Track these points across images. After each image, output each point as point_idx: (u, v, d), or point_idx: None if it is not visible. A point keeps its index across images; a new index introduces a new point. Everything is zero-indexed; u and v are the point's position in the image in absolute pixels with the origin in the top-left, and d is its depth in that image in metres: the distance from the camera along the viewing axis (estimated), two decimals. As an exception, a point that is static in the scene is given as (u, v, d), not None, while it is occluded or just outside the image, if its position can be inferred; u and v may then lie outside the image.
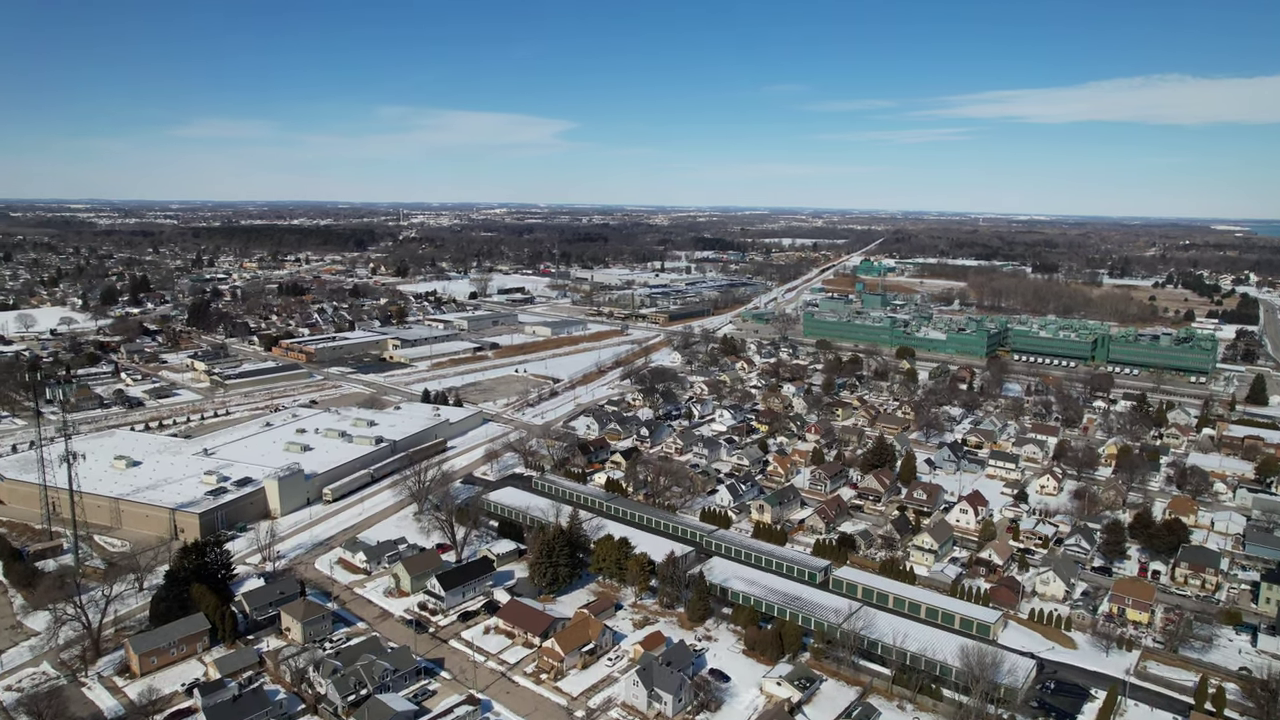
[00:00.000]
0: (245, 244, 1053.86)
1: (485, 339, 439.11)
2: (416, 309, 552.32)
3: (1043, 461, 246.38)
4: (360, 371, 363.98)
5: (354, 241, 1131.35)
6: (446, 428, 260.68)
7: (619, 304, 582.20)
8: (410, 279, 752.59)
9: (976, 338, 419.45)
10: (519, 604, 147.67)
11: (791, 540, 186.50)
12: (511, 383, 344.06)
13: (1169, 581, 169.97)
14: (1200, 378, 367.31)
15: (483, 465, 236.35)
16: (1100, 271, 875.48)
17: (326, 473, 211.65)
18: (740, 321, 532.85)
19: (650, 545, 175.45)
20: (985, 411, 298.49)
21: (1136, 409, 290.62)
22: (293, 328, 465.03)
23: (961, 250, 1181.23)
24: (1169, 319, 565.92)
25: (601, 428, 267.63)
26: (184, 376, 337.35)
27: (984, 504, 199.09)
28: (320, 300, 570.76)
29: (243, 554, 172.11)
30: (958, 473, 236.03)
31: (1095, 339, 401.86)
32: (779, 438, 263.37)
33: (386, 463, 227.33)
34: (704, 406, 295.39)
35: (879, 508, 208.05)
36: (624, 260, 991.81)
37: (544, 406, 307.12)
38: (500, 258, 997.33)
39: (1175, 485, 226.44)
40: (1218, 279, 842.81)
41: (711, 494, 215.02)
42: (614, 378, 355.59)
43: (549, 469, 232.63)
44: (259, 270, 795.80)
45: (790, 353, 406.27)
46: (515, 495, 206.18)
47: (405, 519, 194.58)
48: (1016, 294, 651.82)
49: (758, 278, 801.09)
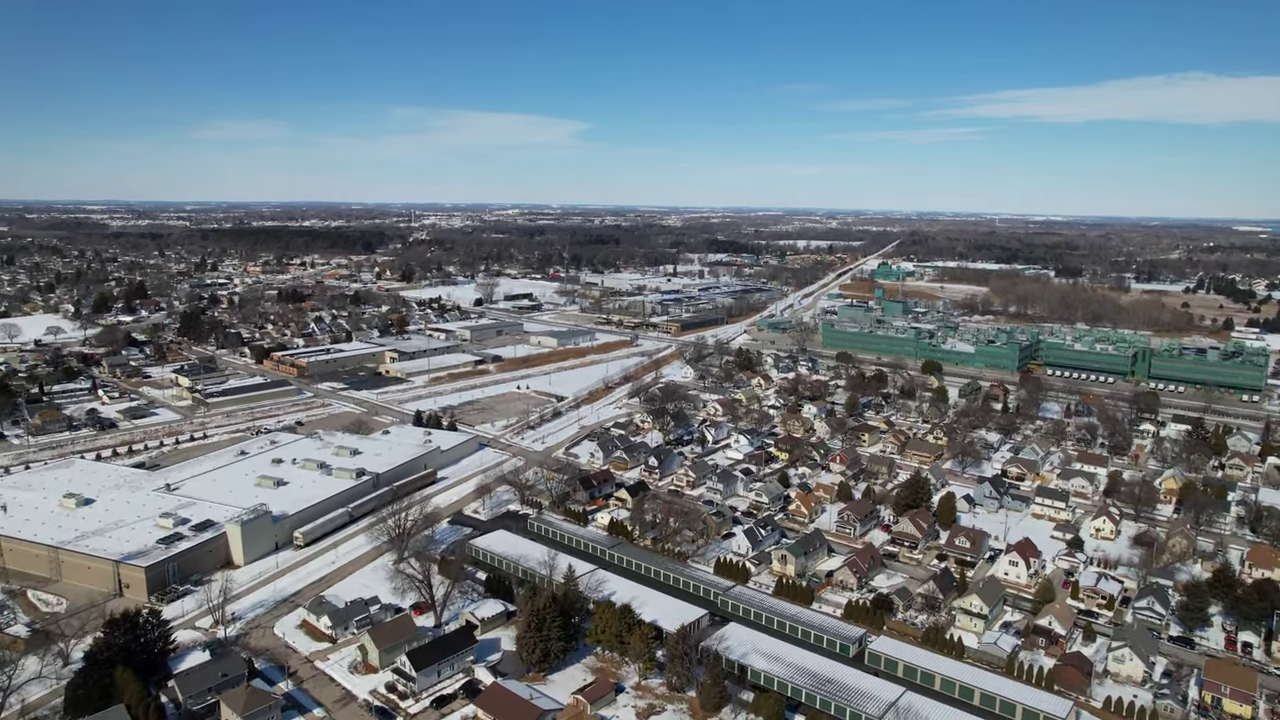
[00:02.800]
0: (253, 246, 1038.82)
1: (488, 350, 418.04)
2: (419, 317, 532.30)
3: (1093, 497, 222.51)
4: (353, 388, 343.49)
5: (362, 244, 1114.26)
6: (437, 456, 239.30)
7: (629, 311, 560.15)
8: (415, 284, 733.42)
9: (1008, 351, 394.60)
10: (502, 690, 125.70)
11: (819, 599, 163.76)
12: (512, 401, 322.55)
13: (1263, 657, 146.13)
14: (1253, 396, 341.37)
15: (474, 501, 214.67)
16: (1126, 275, 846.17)
17: (299, 513, 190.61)
18: (756, 331, 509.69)
19: (657, 605, 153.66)
20: (1024, 436, 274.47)
21: (1192, 434, 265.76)
22: (288, 338, 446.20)
23: (980, 253, 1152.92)
24: (1206, 328, 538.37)
25: (606, 456, 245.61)
26: (165, 394, 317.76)
27: (1036, 554, 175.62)
28: (320, 307, 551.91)
29: (192, 616, 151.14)
30: (1000, 510, 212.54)
31: (1135, 353, 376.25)
32: (800, 468, 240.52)
33: (367, 499, 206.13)
34: (718, 430, 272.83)
35: (916, 556, 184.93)
36: (635, 263, 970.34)
37: (545, 429, 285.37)
38: (510, 261, 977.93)
39: (1249, 528, 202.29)
40: (1251, 284, 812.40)
41: (727, 538, 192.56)
42: (622, 395, 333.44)
43: (547, 506, 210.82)
44: (262, 275, 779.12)
45: (809, 367, 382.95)
46: (507, 540, 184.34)
47: (382, 569, 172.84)
48: (1042, 300, 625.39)
49: (773, 282, 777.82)
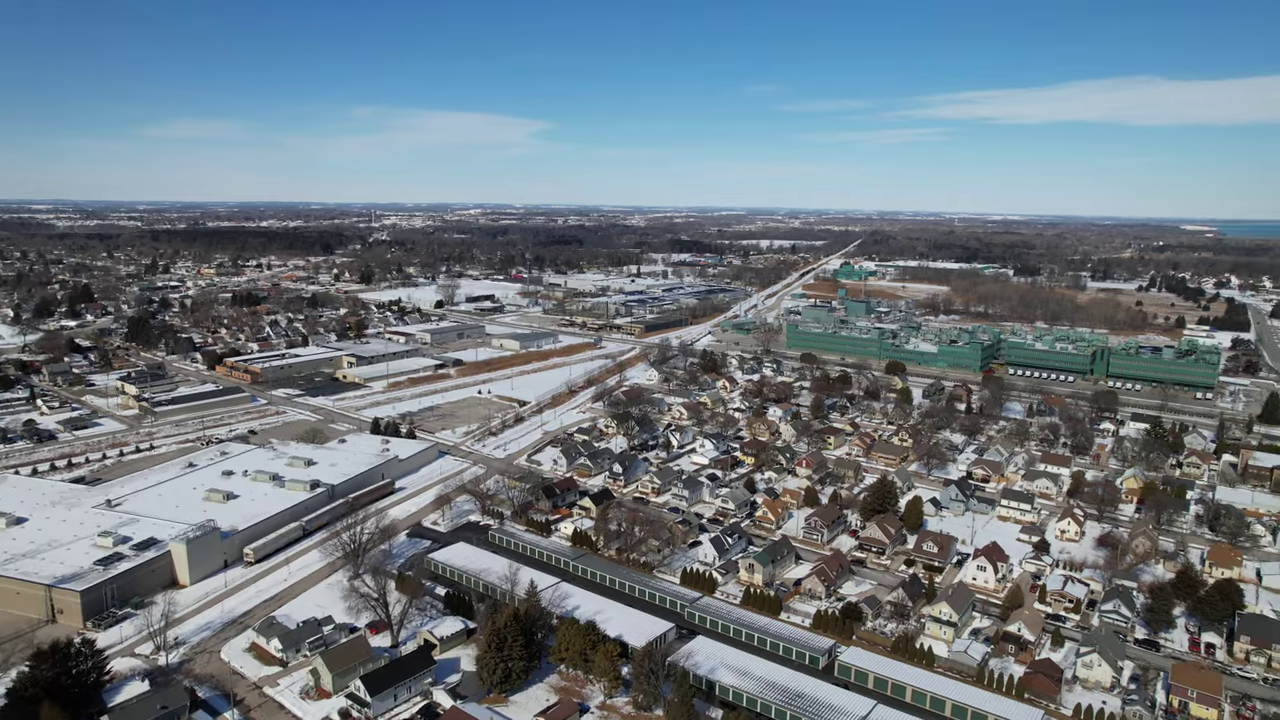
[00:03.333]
0: (207, 248, 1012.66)
1: (448, 354, 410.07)
2: (378, 320, 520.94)
3: (1057, 498, 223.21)
4: (309, 394, 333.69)
5: (321, 245, 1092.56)
6: (395, 466, 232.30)
7: (593, 313, 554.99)
8: (375, 286, 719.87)
9: (970, 351, 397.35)
10: (461, 715, 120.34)
11: (787, 608, 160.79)
12: (474, 406, 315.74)
13: (1226, 658, 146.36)
14: (1206, 393, 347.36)
15: (434, 512, 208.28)
16: (1082, 274, 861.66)
17: (250, 528, 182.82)
18: (720, 332, 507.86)
19: (622, 619, 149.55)
20: (988, 437, 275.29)
21: (1150, 433, 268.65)
22: (242, 343, 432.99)
23: (940, 252, 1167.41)
24: (1160, 326, 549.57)
25: (570, 463, 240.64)
26: (110, 403, 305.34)
27: (1003, 558, 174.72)
28: (276, 311, 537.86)
29: (131, 642, 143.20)
30: (966, 513, 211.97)
31: (1094, 352, 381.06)
32: (767, 473, 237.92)
33: (322, 512, 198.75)
34: (683, 435, 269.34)
35: (884, 562, 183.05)
36: (599, 264, 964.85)
37: (508, 435, 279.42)
38: (472, 262, 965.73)
39: (1208, 527, 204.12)
40: (1200, 282, 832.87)
41: (694, 546, 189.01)
42: (585, 399, 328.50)
43: (509, 516, 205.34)
44: (217, 277, 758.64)
45: (774, 368, 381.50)
46: (467, 554, 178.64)
47: (337, 587, 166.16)
48: (1002, 300, 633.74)
49: (736, 283, 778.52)
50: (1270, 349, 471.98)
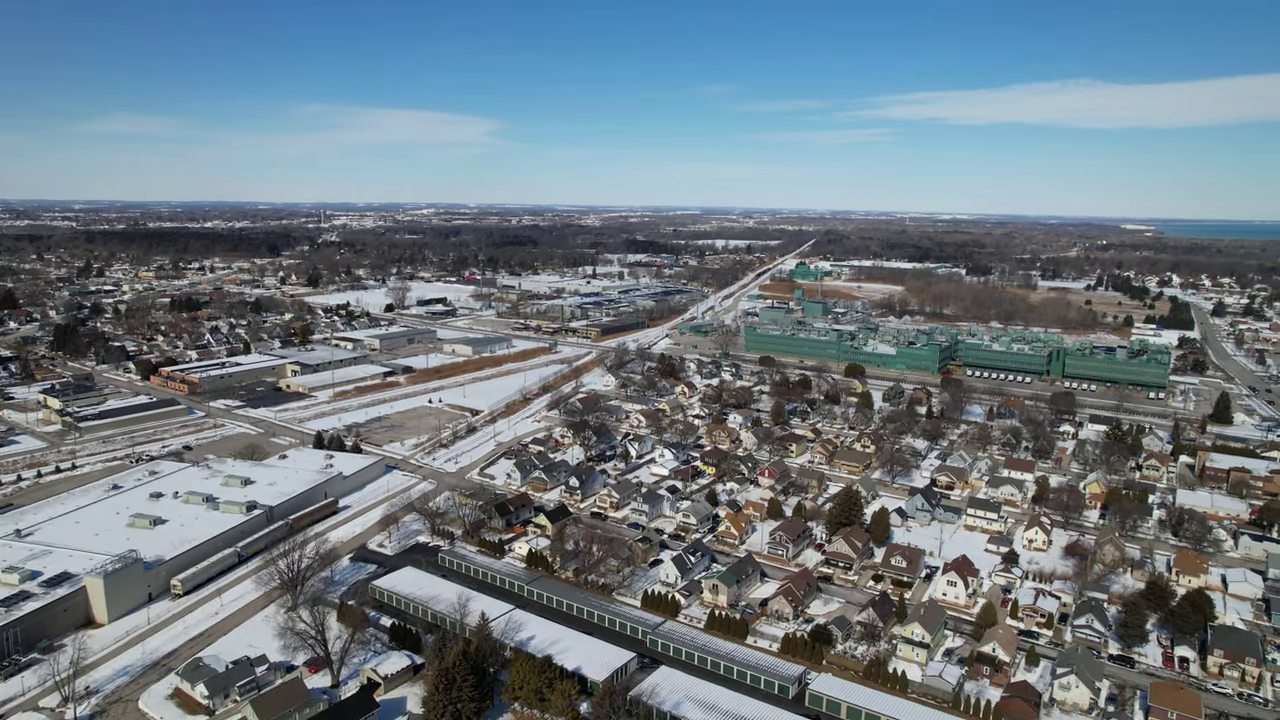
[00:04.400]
0: (146, 250, 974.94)
1: (398, 361, 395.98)
2: (325, 325, 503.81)
3: (1022, 505, 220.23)
4: (250, 405, 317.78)
5: (267, 246, 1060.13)
6: (339, 483, 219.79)
7: (548, 316, 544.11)
8: (323, 289, 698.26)
9: (928, 353, 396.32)
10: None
11: (754, 631, 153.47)
12: (423, 416, 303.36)
13: (1200, 673, 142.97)
14: (1159, 393, 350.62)
15: (379, 533, 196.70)
16: (1033, 273, 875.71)
17: (179, 557, 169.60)
18: (677, 334, 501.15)
19: (581, 650, 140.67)
20: (950, 442, 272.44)
21: (1110, 436, 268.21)
22: (180, 351, 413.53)
23: (894, 251, 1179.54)
24: (1109, 325, 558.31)
25: (524, 476, 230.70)
26: (30, 418, 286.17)
27: (973, 573, 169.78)
28: (218, 316, 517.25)
29: (34, 694, 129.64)
30: (932, 523, 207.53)
31: (1050, 352, 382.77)
32: (729, 483, 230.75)
33: (259, 536, 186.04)
34: (642, 445, 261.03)
35: (852, 578, 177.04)
36: (554, 264, 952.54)
37: (459, 447, 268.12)
38: (424, 263, 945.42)
39: (1171, 531, 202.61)
40: (1144, 281, 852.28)
41: (655, 565, 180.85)
42: (540, 407, 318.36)
43: (459, 536, 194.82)
44: (155, 281, 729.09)
45: (733, 372, 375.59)
46: (414, 579, 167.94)
47: (274, 620, 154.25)
48: (957, 299, 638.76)
49: (693, 284, 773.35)
50: (1215, 347, 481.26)
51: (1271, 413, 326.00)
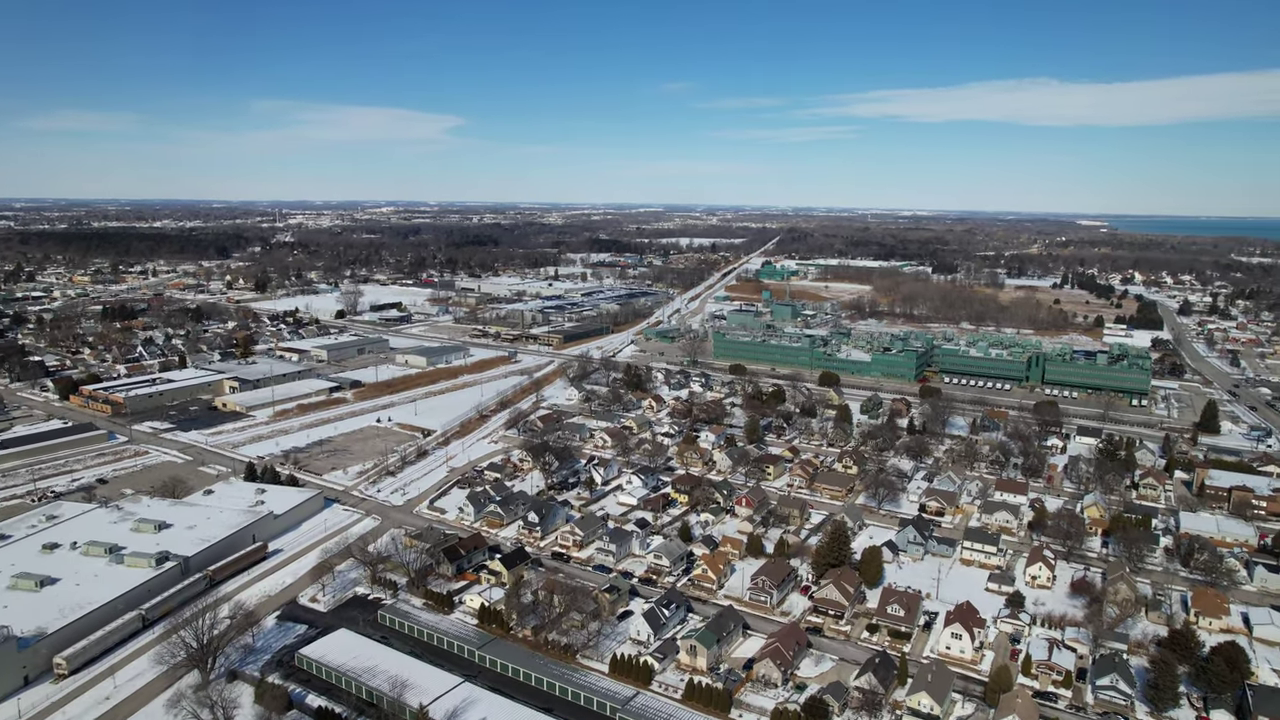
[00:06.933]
0: (85, 252, 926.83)
1: (346, 375, 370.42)
2: (270, 333, 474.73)
3: (1019, 533, 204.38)
4: (181, 427, 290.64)
5: (217, 248, 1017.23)
6: (269, 524, 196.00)
7: (507, 322, 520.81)
8: (271, 294, 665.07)
9: (904, 360, 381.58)
10: None
11: (738, 703, 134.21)
12: (370, 439, 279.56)
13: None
14: (1140, 399, 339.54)
15: (312, 584, 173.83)
16: (999, 272, 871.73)
17: (66, 627, 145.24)
18: (643, 340, 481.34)
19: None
20: (935, 459, 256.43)
21: (1103, 452, 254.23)
22: (108, 365, 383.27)
23: (858, 249, 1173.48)
24: (1080, 326, 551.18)
25: (478, 511, 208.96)
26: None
27: (979, 623, 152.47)
28: (154, 326, 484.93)
29: None
30: (925, 556, 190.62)
31: (1029, 358, 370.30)
32: (703, 514, 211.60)
33: (170, 594, 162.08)
34: (608, 469, 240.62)
35: (844, 628, 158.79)
36: (515, 265, 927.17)
37: (408, 474, 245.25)
38: (380, 265, 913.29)
39: (1180, 562, 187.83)
40: (1108, 279, 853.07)
41: (624, 617, 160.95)
42: (498, 425, 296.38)
43: (404, 585, 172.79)
44: (91, 285, 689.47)
45: (703, 383, 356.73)
46: (349, 645, 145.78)
47: (182, 703, 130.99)
48: (925, 299, 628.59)
49: (658, 284, 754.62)
50: (1187, 349, 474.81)
51: (1257, 420, 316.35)
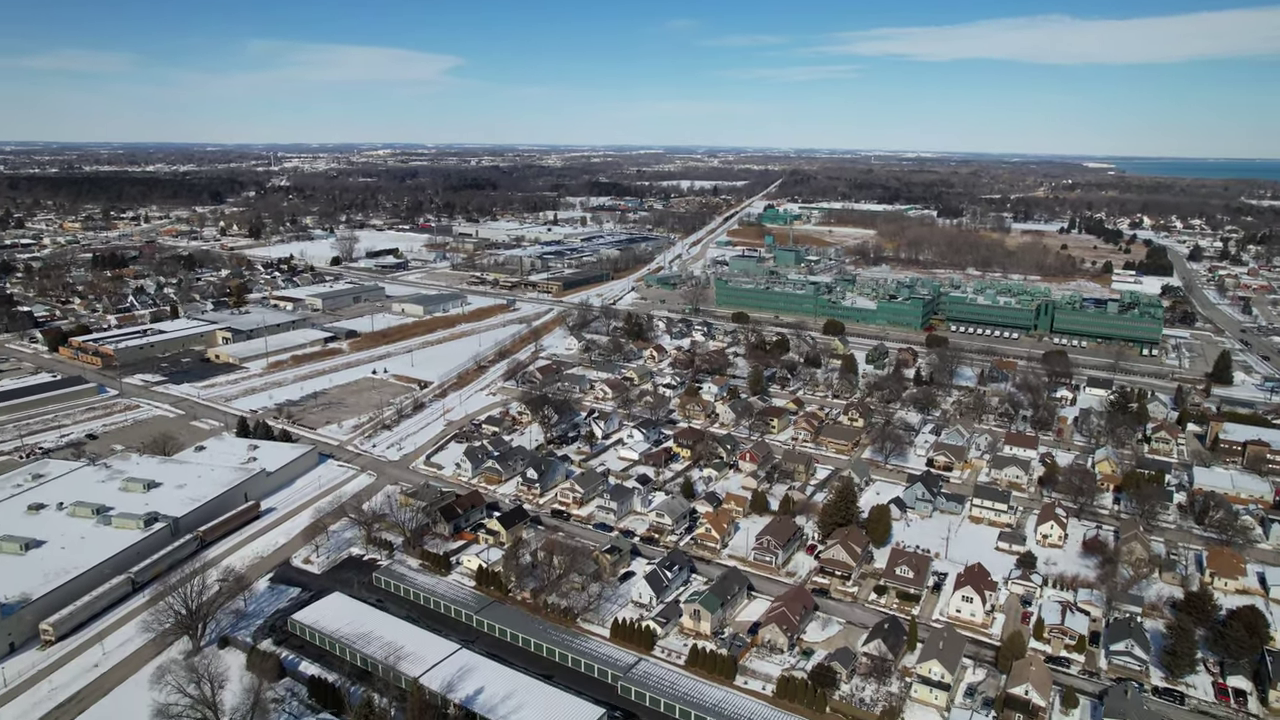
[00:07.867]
0: (77, 197, 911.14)
1: (341, 324, 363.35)
2: (264, 282, 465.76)
3: (1028, 488, 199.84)
4: (173, 380, 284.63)
5: (210, 193, 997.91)
6: (261, 481, 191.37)
7: (506, 268, 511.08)
8: (265, 240, 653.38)
9: (911, 307, 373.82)
10: None
11: (743, 670, 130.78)
12: (366, 390, 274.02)
13: (1260, 709, 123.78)
14: (1151, 349, 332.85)
15: (306, 545, 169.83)
16: (1005, 215, 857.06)
17: (53, 592, 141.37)
18: (644, 287, 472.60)
19: (538, 708, 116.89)
20: (943, 411, 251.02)
21: (1115, 404, 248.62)
22: (98, 316, 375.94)
23: (861, 192, 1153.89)
24: (1088, 272, 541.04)
25: (476, 466, 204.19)
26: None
27: (990, 586, 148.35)
28: (146, 274, 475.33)
29: None
30: (934, 513, 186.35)
31: (1038, 306, 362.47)
32: (706, 469, 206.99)
33: (160, 556, 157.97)
34: (608, 422, 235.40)
35: (851, 590, 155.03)
36: (514, 209, 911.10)
37: (404, 428, 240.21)
38: (376, 209, 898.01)
39: (1195, 520, 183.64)
40: (1115, 223, 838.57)
41: (625, 578, 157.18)
42: (496, 376, 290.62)
43: (400, 545, 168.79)
44: (82, 232, 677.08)
45: (705, 332, 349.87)
46: (343, 610, 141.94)
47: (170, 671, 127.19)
48: (930, 244, 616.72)
49: (659, 229, 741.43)
50: (1198, 296, 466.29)
51: (1270, 371, 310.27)
